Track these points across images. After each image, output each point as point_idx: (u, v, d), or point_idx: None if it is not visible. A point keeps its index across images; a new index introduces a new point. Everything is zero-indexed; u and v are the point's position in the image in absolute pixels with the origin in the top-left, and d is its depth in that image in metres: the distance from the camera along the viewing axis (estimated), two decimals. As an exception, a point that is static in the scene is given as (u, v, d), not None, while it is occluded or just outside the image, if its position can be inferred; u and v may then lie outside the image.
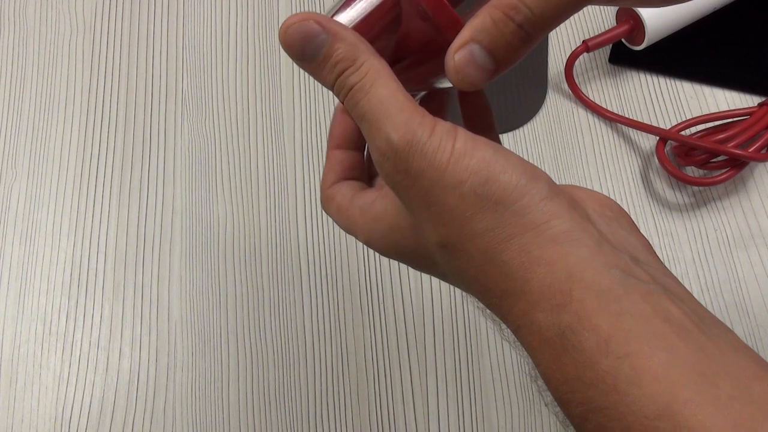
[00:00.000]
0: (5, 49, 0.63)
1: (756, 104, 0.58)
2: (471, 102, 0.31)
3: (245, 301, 0.55)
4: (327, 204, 0.33)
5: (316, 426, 0.52)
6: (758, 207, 0.58)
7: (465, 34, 0.26)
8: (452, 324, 0.54)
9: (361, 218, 0.31)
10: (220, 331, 0.54)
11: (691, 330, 0.23)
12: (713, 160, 0.56)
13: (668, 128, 0.58)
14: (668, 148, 0.58)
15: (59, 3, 0.65)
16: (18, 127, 0.60)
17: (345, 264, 0.56)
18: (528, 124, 0.61)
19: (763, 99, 0.58)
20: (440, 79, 0.30)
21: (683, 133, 0.58)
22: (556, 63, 0.63)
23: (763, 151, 0.55)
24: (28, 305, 0.55)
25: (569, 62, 0.60)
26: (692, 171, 0.58)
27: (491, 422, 0.52)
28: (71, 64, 0.63)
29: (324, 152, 0.59)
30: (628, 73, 0.63)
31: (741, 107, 0.60)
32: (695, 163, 0.56)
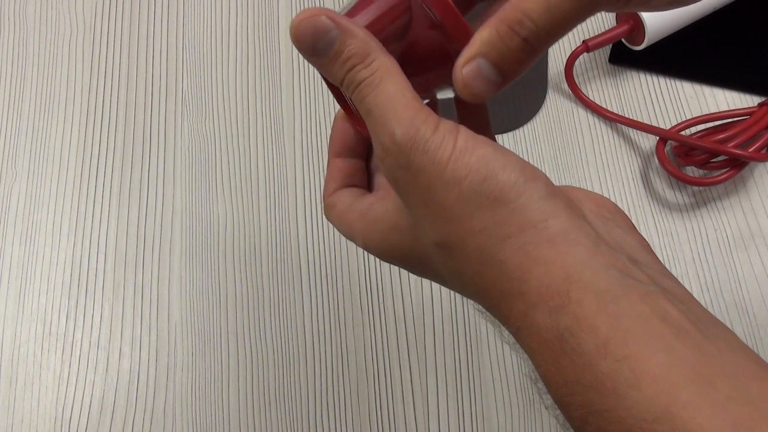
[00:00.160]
0: (5, 49, 0.63)
1: (756, 104, 0.58)
2: (467, 102, 0.31)
3: (245, 301, 0.55)
4: (329, 212, 0.33)
5: (316, 426, 0.52)
6: (758, 207, 0.58)
7: (472, 49, 0.26)
8: (452, 324, 0.54)
9: (360, 222, 0.31)
10: (220, 331, 0.54)
11: (689, 330, 0.23)
12: (713, 160, 0.56)
13: (668, 128, 0.58)
14: (668, 148, 0.58)
15: (59, 3, 0.65)
16: (18, 127, 0.60)
17: (345, 264, 0.56)
18: (528, 124, 0.61)
19: (763, 99, 0.58)
20: (443, 88, 0.30)
21: (683, 133, 0.58)
22: (556, 63, 0.63)
23: (763, 151, 0.55)
24: (28, 305, 0.55)
25: (569, 62, 0.60)
26: (692, 171, 0.58)
27: (491, 422, 0.52)
28: (71, 64, 0.63)
29: (324, 152, 0.59)
30: (628, 73, 0.63)
31: (741, 107, 0.60)
32: (695, 163, 0.56)
